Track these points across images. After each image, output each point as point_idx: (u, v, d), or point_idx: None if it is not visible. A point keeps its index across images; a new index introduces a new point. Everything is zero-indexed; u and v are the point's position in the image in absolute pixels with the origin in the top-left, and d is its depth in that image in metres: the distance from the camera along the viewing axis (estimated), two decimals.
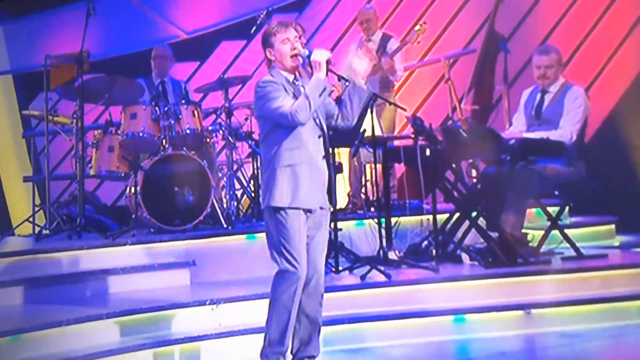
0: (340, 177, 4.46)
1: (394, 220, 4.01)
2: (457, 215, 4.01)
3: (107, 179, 4.51)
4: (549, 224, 3.92)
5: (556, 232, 3.92)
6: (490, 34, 4.56)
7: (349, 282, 3.61)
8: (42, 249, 3.83)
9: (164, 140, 4.14)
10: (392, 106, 4.28)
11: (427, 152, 3.84)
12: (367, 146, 3.91)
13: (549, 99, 3.86)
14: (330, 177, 2.82)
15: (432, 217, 3.89)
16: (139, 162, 4.14)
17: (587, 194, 3.96)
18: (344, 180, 4.49)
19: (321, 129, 2.82)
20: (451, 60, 4.64)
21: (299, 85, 2.82)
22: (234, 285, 3.68)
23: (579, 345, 3.29)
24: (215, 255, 3.92)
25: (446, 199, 4.10)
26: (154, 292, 3.60)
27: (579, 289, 3.63)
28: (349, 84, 2.85)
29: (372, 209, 4.26)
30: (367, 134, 3.77)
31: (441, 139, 3.87)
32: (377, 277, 3.62)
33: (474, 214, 3.91)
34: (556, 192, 3.98)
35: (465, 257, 3.89)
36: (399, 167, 4.52)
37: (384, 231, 3.90)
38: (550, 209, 3.97)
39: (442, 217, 4.03)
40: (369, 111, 3.64)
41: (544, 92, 3.89)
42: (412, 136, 3.93)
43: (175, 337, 3.26)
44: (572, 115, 3.79)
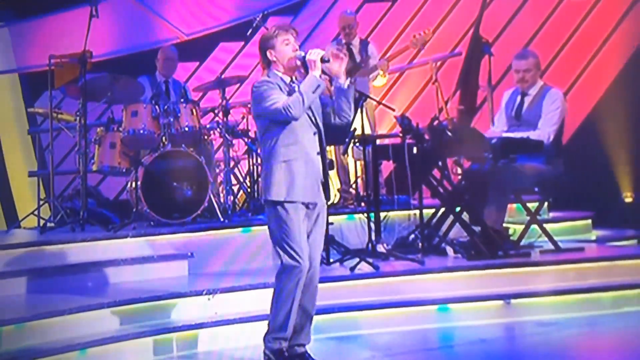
0: (332, 174, 4.48)
1: (383, 214, 4.05)
2: (442, 210, 4.05)
3: (109, 174, 4.52)
4: (529, 218, 3.97)
5: (535, 227, 3.96)
6: (475, 38, 4.58)
7: (340, 274, 3.65)
8: (47, 240, 3.84)
9: (163, 137, 4.16)
10: (373, 104, 4.29)
11: (415, 150, 3.87)
12: (357, 144, 3.94)
13: (529, 102, 3.90)
14: (325, 172, 2.83)
15: (418, 212, 3.95)
16: (139, 158, 4.15)
17: (565, 191, 4.02)
18: (335, 176, 4.52)
19: (316, 126, 2.82)
20: (438, 62, 4.67)
21: (295, 86, 2.82)
22: (230, 275, 3.70)
23: (555, 333, 3.34)
24: (212, 247, 3.94)
25: (432, 194, 4.13)
26: (154, 283, 3.62)
27: (556, 280, 3.67)
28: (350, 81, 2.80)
29: (362, 204, 4.30)
30: (357, 133, 3.79)
31: (428, 137, 3.90)
32: (366, 268, 3.66)
33: (458, 209, 3.95)
34: (536, 189, 4.03)
35: (449, 250, 3.93)
36: (388, 164, 4.54)
37: (373, 225, 3.94)
38: (529, 205, 4.01)
39: (428, 212, 4.07)
40: (359, 111, 3.66)
41: (524, 94, 3.93)
42: (400, 135, 3.95)
43: (173, 325, 3.29)
44: (550, 116, 3.83)
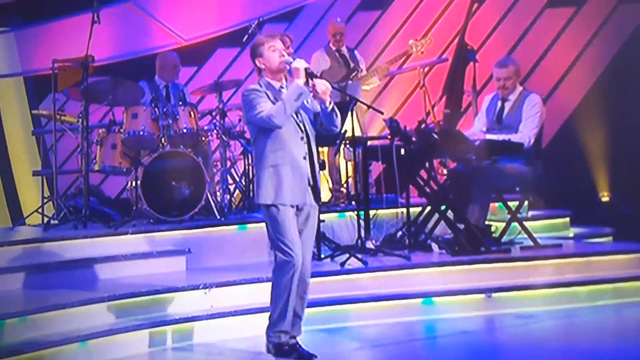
0: (324, 173, 4.52)
1: (372, 212, 4.08)
2: (428, 208, 4.09)
3: (111, 174, 4.52)
4: (510, 216, 4.01)
5: (516, 224, 4.01)
6: (460, 46, 4.63)
7: (330, 269, 3.68)
8: (50, 237, 3.86)
9: (162, 138, 4.17)
10: (364, 107, 4.34)
11: (402, 151, 3.90)
12: (348, 146, 3.97)
13: (509, 107, 3.95)
14: (314, 175, 2.84)
15: (406, 210, 3.98)
16: (139, 159, 4.16)
17: (544, 190, 4.08)
18: (326, 176, 4.55)
19: (304, 131, 2.85)
20: (426, 68, 4.70)
21: (284, 92, 2.85)
22: (226, 271, 3.72)
23: (533, 325, 3.39)
24: (209, 243, 3.96)
25: (419, 194, 4.17)
26: (153, 277, 3.64)
27: (535, 275, 3.71)
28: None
29: (352, 203, 4.33)
30: (348, 135, 3.82)
31: (415, 139, 3.93)
32: (355, 264, 3.69)
33: (443, 207, 3.99)
34: (517, 189, 4.08)
35: (434, 246, 3.97)
36: (378, 165, 4.58)
37: (362, 222, 3.97)
38: (511, 203, 4.05)
39: (415, 210, 4.11)
40: (349, 114, 3.69)
41: (504, 100, 3.99)
42: (389, 137, 3.99)
43: (171, 318, 3.31)
44: (529, 121, 3.88)
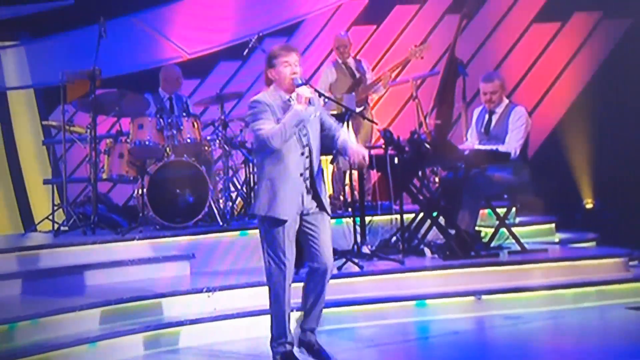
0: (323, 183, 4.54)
1: (368, 219, 4.11)
2: (421, 215, 4.14)
3: (118, 182, 4.56)
4: (498, 222, 4.06)
5: (504, 230, 4.06)
6: (451, 59, 4.70)
7: None
8: (60, 243, 3.89)
9: (167, 148, 4.21)
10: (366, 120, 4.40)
11: (396, 160, 3.93)
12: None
13: (496, 119, 4.01)
14: (314, 188, 2.76)
15: (399, 216, 4.01)
16: (145, 167, 4.20)
17: (531, 198, 4.14)
18: (329, 184, 4.59)
19: (307, 146, 2.78)
20: (418, 81, 4.76)
21: (292, 104, 2.77)
22: (228, 275, 3.75)
23: (521, 326, 3.42)
24: (212, 249, 4.00)
25: (412, 201, 4.20)
26: (158, 281, 3.67)
27: (522, 278, 3.76)
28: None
29: (349, 209, 4.37)
30: None
31: (408, 149, 3.98)
32: (351, 268, 3.72)
33: (435, 213, 4.04)
34: (505, 196, 4.14)
35: (427, 250, 4.01)
36: (374, 173, 4.63)
37: (358, 228, 4.00)
38: (499, 210, 4.10)
39: (408, 217, 4.15)
40: (345, 125, 3.74)
41: (491, 112, 4.05)
42: (383, 147, 4.02)
43: (176, 320, 3.33)
44: (515, 132, 3.94)
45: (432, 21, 5.61)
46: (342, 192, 4.62)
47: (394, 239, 4.12)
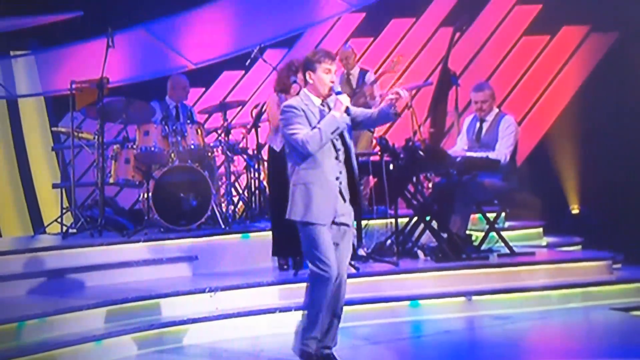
0: None
1: (364, 222, 4.14)
2: (415, 219, 4.18)
3: (124, 186, 4.59)
4: (488, 226, 4.11)
5: (494, 234, 4.10)
6: (444, 71, 4.76)
7: None
8: (69, 245, 3.93)
9: (172, 154, 4.25)
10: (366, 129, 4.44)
11: (391, 166, 3.98)
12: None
13: (486, 127, 4.07)
14: (353, 190, 2.69)
15: (394, 220, 4.05)
16: (151, 172, 4.24)
17: (520, 203, 4.20)
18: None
19: (341, 148, 2.70)
20: (413, 91, 4.82)
21: (325, 110, 2.72)
22: (230, 276, 3.78)
23: (510, 325, 3.46)
24: (214, 251, 4.03)
25: (406, 205, 4.24)
26: (163, 282, 3.70)
27: (511, 280, 3.80)
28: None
29: None
30: None
31: (403, 156, 4.03)
32: (348, 269, 3.73)
33: (428, 218, 4.08)
34: (495, 201, 4.19)
35: (420, 253, 4.05)
36: (370, 179, 4.67)
37: (355, 232, 4.07)
38: (489, 215, 4.15)
39: (403, 221, 4.19)
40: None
41: (482, 121, 4.11)
42: (379, 153, 4.06)
43: (179, 319, 3.37)
44: (505, 140, 4.00)
45: (426, 34, 5.67)
46: None
47: (389, 242, 4.15)
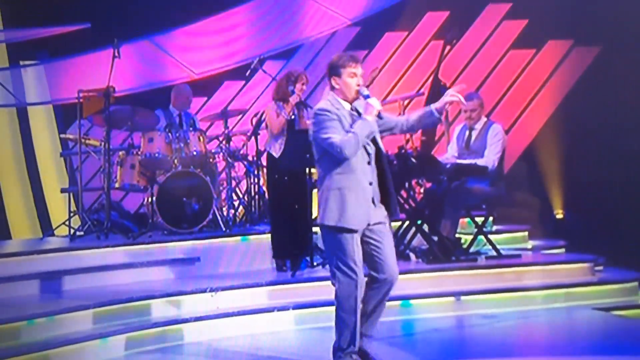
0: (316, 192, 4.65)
1: None
2: (407, 223, 4.24)
3: (130, 191, 4.65)
4: (477, 230, 4.17)
5: (482, 237, 4.17)
6: (435, 82, 4.86)
7: (322, 275, 3.78)
8: (76, 247, 3.98)
9: (175, 160, 4.31)
10: None
11: None
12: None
13: (475, 135, 4.16)
14: (385, 191, 2.61)
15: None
16: (155, 178, 4.29)
17: (507, 208, 4.27)
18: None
19: (372, 153, 2.61)
20: (405, 101, 4.90)
21: (355, 114, 2.63)
22: (230, 276, 3.84)
23: (496, 324, 3.52)
24: (215, 252, 4.08)
25: (399, 210, 4.33)
26: (166, 282, 3.75)
27: (497, 281, 3.86)
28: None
29: None
30: None
31: (395, 162, 4.09)
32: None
33: (420, 222, 4.15)
34: (483, 206, 4.26)
35: (412, 255, 4.11)
36: None
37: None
38: (477, 219, 4.21)
39: (395, 224, 4.24)
40: None
41: (471, 129, 4.19)
42: None
43: (182, 317, 3.41)
44: (493, 147, 4.07)
45: (418, 47, 5.77)
46: None
47: None
